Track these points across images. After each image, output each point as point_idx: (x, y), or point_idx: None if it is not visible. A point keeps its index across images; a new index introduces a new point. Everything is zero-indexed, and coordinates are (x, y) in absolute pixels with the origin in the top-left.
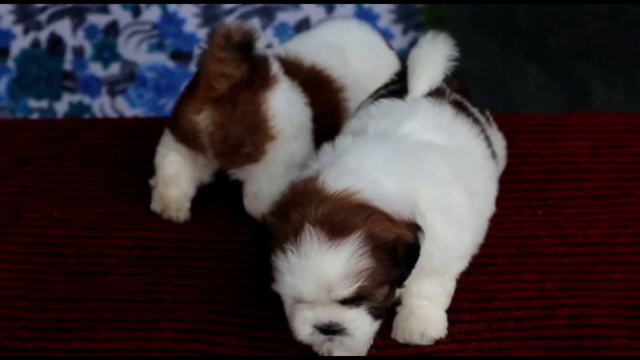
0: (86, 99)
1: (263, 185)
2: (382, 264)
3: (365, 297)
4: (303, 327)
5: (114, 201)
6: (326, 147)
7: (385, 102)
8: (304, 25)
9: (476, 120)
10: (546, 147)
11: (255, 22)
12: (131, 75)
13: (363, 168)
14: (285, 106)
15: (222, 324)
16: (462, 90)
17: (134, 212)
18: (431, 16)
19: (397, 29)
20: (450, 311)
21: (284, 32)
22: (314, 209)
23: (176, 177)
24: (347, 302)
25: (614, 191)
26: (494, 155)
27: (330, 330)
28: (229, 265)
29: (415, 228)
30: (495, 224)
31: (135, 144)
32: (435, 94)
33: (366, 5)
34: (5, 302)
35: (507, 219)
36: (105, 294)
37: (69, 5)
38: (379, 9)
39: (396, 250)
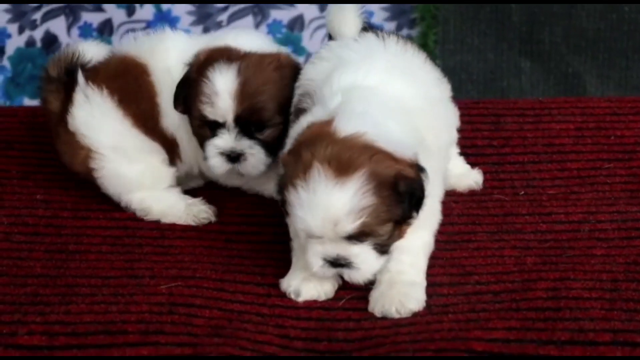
0: None
1: (121, 190)
2: (384, 200)
3: (369, 233)
4: (315, 259)
5: (96, 184)
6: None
7: (333, 44)
8: (297, 23)
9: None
10: (531, 130)
11: (248, 20)
12: None
13: (370, 113)
14: (85, 119)
15: (199, 297)
16: None
17: None
18: (425, 13)
19: (391, 27)
20: (429, 285)
21: (278, 30)
22: (323, 148)
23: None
24: (352, 238)
25: (598, 172)
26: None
27: (338, 263)
28: (209, 244)
29: (417, 166)
30: (478, 203)
31: None
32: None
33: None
34: None
35: (489, 198)
36: (84, 270)
37: (64, 4)
38: (373, 6)
39: (397, 186)
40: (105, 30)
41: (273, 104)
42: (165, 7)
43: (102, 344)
